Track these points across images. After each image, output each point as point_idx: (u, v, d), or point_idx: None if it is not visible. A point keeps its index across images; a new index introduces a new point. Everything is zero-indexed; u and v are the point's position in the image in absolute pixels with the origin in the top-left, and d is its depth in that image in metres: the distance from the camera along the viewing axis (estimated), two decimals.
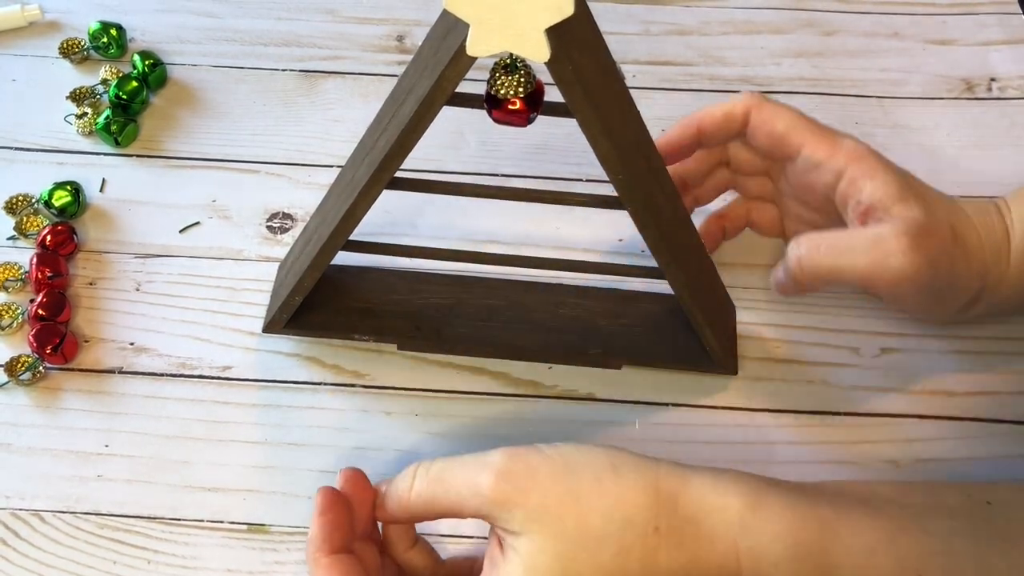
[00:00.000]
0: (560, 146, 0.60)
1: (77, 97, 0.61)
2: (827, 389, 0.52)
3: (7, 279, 0.54)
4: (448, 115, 0.41)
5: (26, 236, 0.55)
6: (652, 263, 0.47)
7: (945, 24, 0.67)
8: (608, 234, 0.57)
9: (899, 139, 0.61)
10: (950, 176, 0.59)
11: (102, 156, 0.59)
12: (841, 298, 0.55)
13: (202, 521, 0.47)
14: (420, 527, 0.43)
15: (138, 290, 0.54)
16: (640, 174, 0.44)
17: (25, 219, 0.56)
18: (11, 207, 0.57)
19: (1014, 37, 0.66)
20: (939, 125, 0.62)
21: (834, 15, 0.67)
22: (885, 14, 0.67)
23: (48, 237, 0.54)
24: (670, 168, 0.49)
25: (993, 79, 0.64)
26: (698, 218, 0.53)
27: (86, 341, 0.52)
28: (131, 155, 0.60)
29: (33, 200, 0.57)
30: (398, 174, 0.44)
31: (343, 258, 0.50)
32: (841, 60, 0.65)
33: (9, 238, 0.56)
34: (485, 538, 0.46)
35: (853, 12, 0.68)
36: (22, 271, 0.54)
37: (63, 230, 0.55)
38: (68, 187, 0.56)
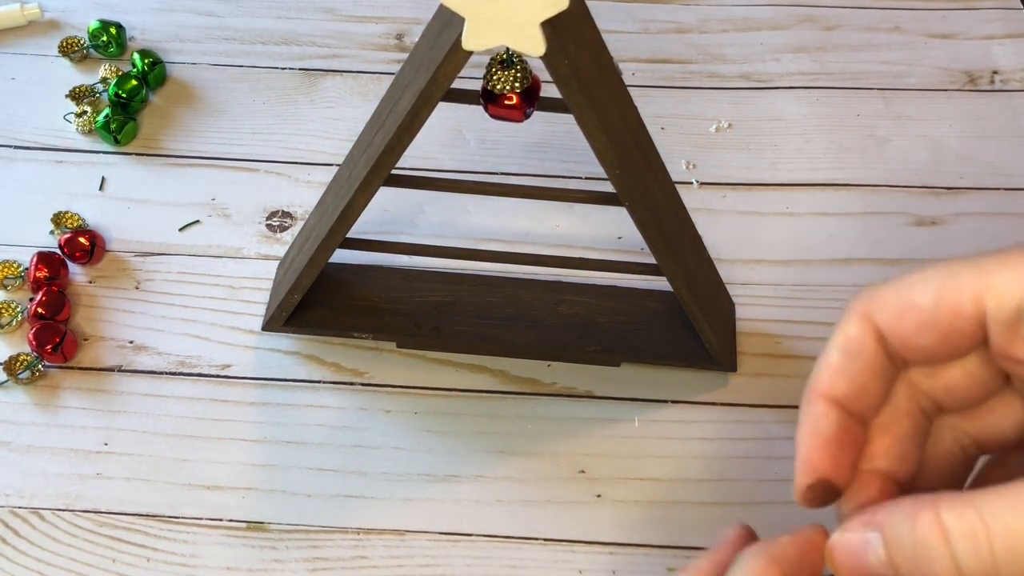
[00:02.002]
0: (559, 144, 0.60)
1: (76, 95, 0.61)
2: None
3: (6, 277, 0.54)
4: (447, 113, 0.41)
5: (61, 229, 0.55)
6: (651, 260, 0.46)
7: (946, 18, 0.67)
8: (607, 232, 0.57)
9: (901, 131, 0.61)
10: (953, 168, 0.59)
11: (101, 154, 0.59)
12: (842, 291, 0.54)
13: (201, 519, 0.47)
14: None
15: (137, 288, 0.54)
16: (638, 170, 0.43)
17: (63, 216, 0.56)
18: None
19: (1017, 31, 0.66)
20: (941, 117, 0.62)
21: (833, 10, 0.67)
22: (885, 9, 0.67)
23: (66, 242, 0.54)
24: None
25: (996, 72, 0.64)
26: None
27: (85, 339, 0.52)
28: (130, 153, 0.60)
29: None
30: (396, 171, 0.44)
31: (342, 256, 0.50)
32: (842, 54, 0.65)
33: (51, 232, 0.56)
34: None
35: (853, 7, 0.67)
36: (21, 269, 0.54)
37: (84, 242, 0.54)
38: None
